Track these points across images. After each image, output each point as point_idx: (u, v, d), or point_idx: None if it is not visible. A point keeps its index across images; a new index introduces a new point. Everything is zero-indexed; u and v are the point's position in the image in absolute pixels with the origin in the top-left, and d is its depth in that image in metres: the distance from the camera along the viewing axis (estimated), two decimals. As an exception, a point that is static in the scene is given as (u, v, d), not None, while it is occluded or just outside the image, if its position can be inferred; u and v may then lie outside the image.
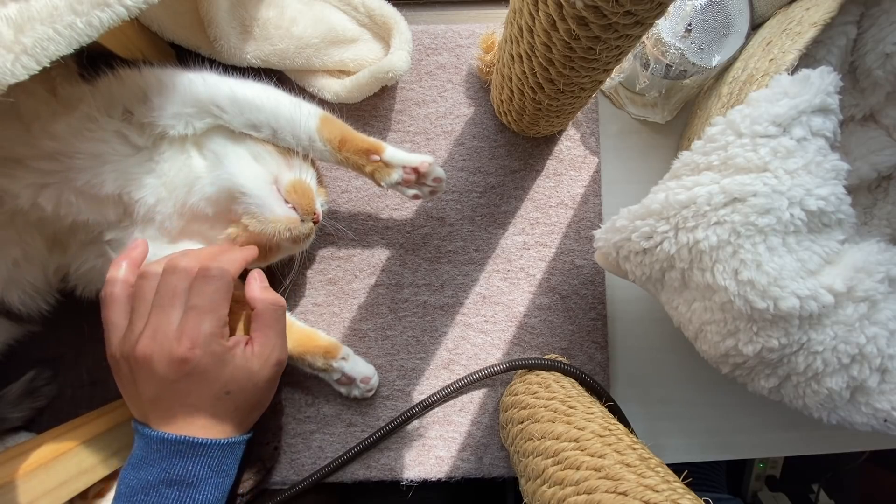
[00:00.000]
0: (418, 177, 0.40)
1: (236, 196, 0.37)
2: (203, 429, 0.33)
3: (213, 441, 0.33)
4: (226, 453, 0.34)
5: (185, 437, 0.32)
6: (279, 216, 0.37)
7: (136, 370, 0.33)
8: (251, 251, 0.38)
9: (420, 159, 0.40)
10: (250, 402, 0.35)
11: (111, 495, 0.39)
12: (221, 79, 0.37)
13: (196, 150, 0.38)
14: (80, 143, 0.35)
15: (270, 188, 0.38)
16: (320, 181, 0.44)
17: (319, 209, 0.40)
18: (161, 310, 0.33)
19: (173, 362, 0.32)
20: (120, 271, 0.34)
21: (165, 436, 0.32)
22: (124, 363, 0.33)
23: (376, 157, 0.40)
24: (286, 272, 0.45)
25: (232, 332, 0.35)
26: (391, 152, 0.40)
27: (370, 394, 0.45)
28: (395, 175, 0.40)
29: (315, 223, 0.40)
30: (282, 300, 0.37)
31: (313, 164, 0.42)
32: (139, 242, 0.36)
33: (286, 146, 0.39)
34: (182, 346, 0.32)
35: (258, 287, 0.37)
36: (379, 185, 0.41)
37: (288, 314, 0.43)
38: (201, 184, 0.37)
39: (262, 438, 0.44)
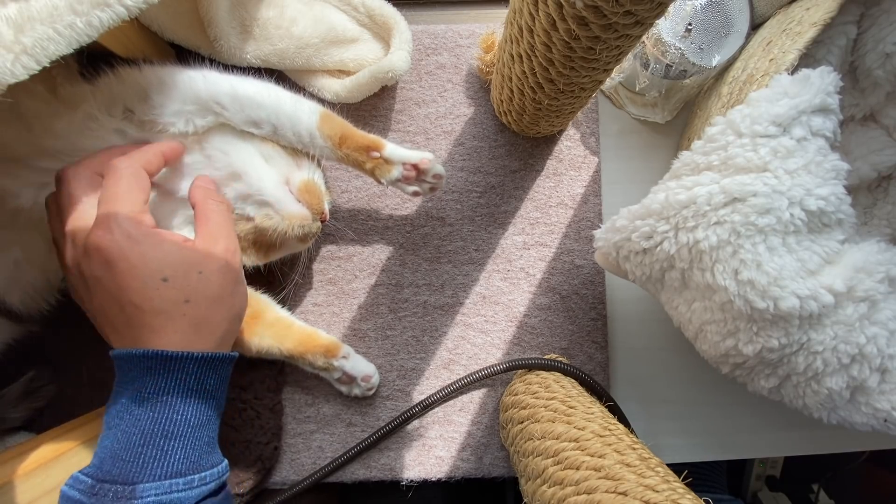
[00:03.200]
0: (418, 173, 0.40)
1: (250, 195, 0.37)
2: (167, 338, 0.30)
3: (184, 354, 0.29)
4: (203, 370, 0.30)
5: (150, 350, 0.29)
6: (294, 214, 0.38)
7: (76, 285, 0.31)
8: (171, 145, 0.35)
9: (420, 156, 0.40)
10: (203, 294, 0.31)
11: None
12: (222, 76, 0.37)
13: (200, 149, 0.38)
14: (82, 142, 0.35)
15: (284, 188, 0.38)
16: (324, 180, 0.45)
17: (327, 209, 0.41)
18: (74, 216, 0.30)
19: (92, 255, 0.29)
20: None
21: (129, 352, 0.29)
22: (72, 277, 0.31)
23: (376, 154, 0.40)
24: (288, 271, 0.45)
25: None
26: (391, 149, 0.40)
27: (371, 392, 0.45)
28: (395, 172, 0.40)
29: (323, 222, 0.40)
30: (224, 199, 0.35)
31: (319, 165, 0.42)
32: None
33: (287, 143, 0.39)
34: (94, 235, 0.29)
35: (202, 184, 0.34)
36: (379, 181, 0.41)
37: (288, 314, 0.44)
38: (209, 174, 0.37)
39: (262, 438, 0.44)
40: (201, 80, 0.36)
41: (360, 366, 0.44)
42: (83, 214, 0.31)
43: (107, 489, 0.27)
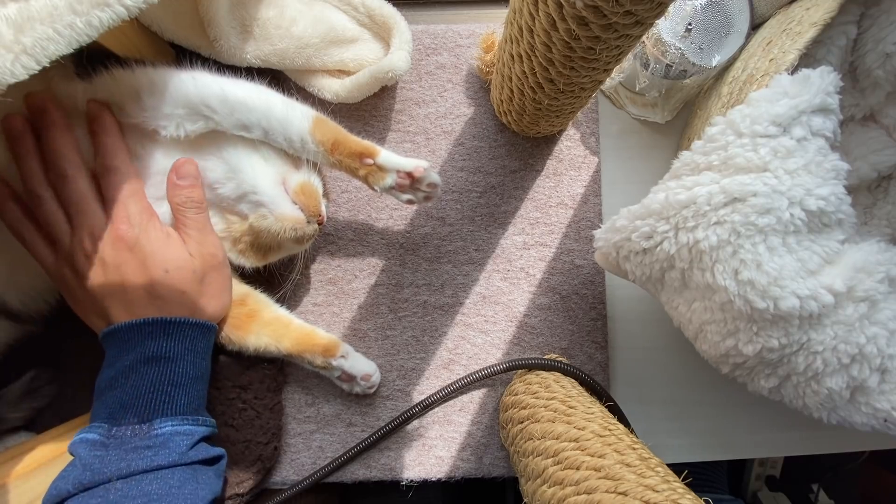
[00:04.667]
0: (412, 182, 0.40)
1: (245, 193, 0.37)
2: (164, 311, 0.35)
3: (182, 319, 0.35)
4: (197, 334, 0.37)
5: (154, 317, 0.34)
6: (287, 216, 0.38)
7: (82, 271, 0.34)
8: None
9: (414, 164, 0.40)
10: (193, 288, 0.36)
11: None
12: (213, 78, 0.37)
13: (199, 148, 0.38)
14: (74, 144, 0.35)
15: (280, 188, 0.38)
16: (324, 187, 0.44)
17: (325, 211, 0.41)
18: (83, 214, 0.34)
19: (116, 242, 0.34)
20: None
21: (134, 322, 0.34)
22: (69, 272, 0.35)
23: (370, 161, 0.39)
24: (286, 272, 0.45)
25: None
26: (385, 156, 0.40)
27: (372, 390, 0.45)
28: (389, 179, 0.40)
29: (320, 224, 0.40)
30: (198, 198, 0.37)
31: (319, 170, 0.42)
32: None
33: (279, 147, 0.39)
34: (118, 226, 0.34)
35: (172, 184, 0.37)
36: (373, 189, 0.41)
37: (286, 312, 0.44)
38: (206, 181, 0.37)
39: (262, 438, 0.44)
40: (191, 83, 0.36)
41: (359, 364, 0.44)
42: (94, 210, 0.34)
43: (124, 430, 0.33)
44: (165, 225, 0.36)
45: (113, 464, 0.31)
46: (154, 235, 0.35)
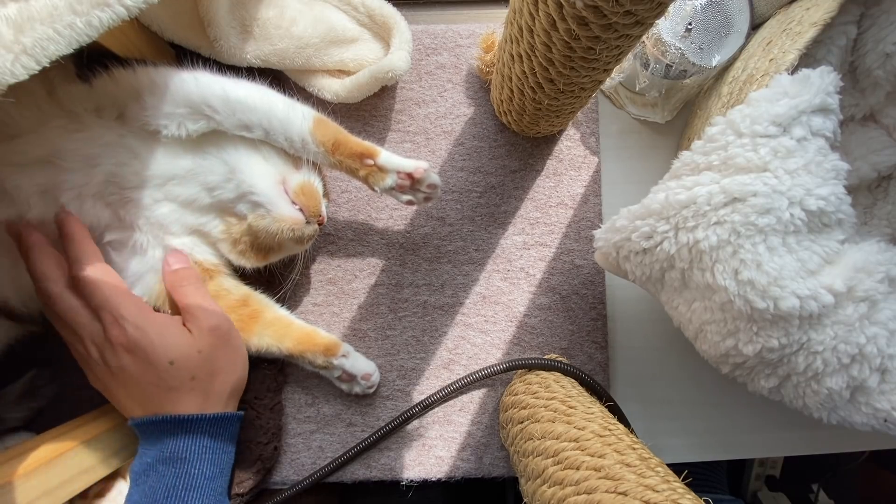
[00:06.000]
0: (412, 182, 0.40)
1: (244, 194, 0.37)
2: (183, 407, 0.35)
3: (199, 416, 0.35)
4: (215, 429, 0.36)
5: (168, 415, 0.35)
6: (285, 216, 0.38)
7: (97, 376, 0.36)
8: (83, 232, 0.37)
9: (415, 165, 0.40)
10: (205, 370, 0.36)
11: (111, 495, 0.39)
12: (214, 78, 0.37)
13: (200, 149, 0.38)
14: (75, 145, 0.35)
15: (279, 188, 0.38)
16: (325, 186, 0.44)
17: (325, 211, 0.41)
18: (79, 326, 0.35)
19: (116, 349, 0.34)
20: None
21: (151, 419, 0.35)
22: (96, 368, 0.36)
23: (370, 162, 0.39)
24: (287, 272, 0.45)
25: None
26: (385, 157, 0.40)
27: (372, 390, 0.45)
28: (389, 180, 0.40)
29: (320, 224, 0.40)
30: (190, 269, 0.39)
31: (320, 170, 0.42)
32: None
33: (280, 147, 0.39)
34: (110, 333, 0.34)
35: (170, 259, 0.38)
36: (373, 189, 0.41)
37: (287, 313, 0.44)
38: (207, 182, 0.37)
39: (262, 438, 0.44)
40: (193, 83, 0.36)
41: (359, 364, 0.44)
42: (88, 321, 0.35)
43: None
44: (160, 314, 0.36)
45: None
46: (151, 329, 0.35)
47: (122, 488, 0.40)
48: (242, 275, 0.43)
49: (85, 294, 0.34)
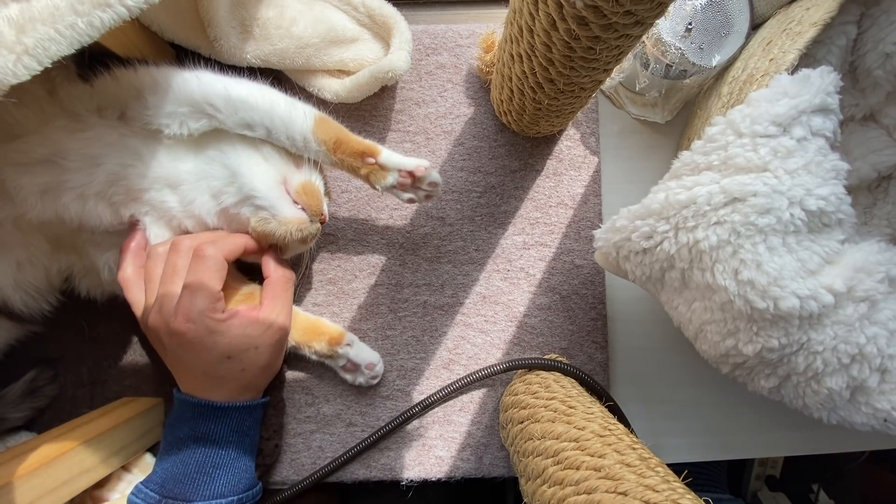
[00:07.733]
0: (414, 181, 0.40)
1: (247, 197, 0.37)
2: (220, 393, 0.38)
3: (231, 405, 0.38)
4: (244, 416, 0.39)
5: (205, 400, 0.37)
6: (289, 218, 0.38)
7: (152, 339, 0.38)
8: (249, 241, 0.39)
9: (416, 163, 0.40)
10: (256, 364, 0.38)
11: (111, 495, 0.39)
12: (217, 77, 0.37)
13: (201, 150, 0.38)
14: (77, 145, 0.35)
15: (280, 189, 0.38)
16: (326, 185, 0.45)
17: (327, 210, 0.41)
18: (164, 286, 0.36)
19: (172, 335, 0.35)
20: (128, 254, 0.38)
21: (189, 399, 0.37)
22: (150, 333, 0.37)
23: (371, 160, 0.39)
24: (294, 270, 0.45)
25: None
26: (386, 155, 0.40)
27: (375, 381, 0.45)
28: (391, 178, 0.40)
29: (322, 223, 0.40)
30: (291, 273, 0.41)
31: (321, 168, 0.42)
32: (138, 229, 0.39)
33: (281, 146, 0.39)
34: (177, 321, 0.35)
35: (273, 260, 0.41)
36: (374, 188, 0.41)
37: (294, 305, 0.44)
38: (209, 185, 0.38)
39: (264, 434, 0.44)
40: (195, 82, 0.36)
41: (363, 354, 0.45)
42: (175, 288, 0.36)
43: (170, 503, 0.35)
44: (230, 309, 0.37)
45: None
46: (217, 328, 0.36)
47: (130, 479, 0.40)
48: (249, 272, 0.43)
49: (191, 268, 0.36)
